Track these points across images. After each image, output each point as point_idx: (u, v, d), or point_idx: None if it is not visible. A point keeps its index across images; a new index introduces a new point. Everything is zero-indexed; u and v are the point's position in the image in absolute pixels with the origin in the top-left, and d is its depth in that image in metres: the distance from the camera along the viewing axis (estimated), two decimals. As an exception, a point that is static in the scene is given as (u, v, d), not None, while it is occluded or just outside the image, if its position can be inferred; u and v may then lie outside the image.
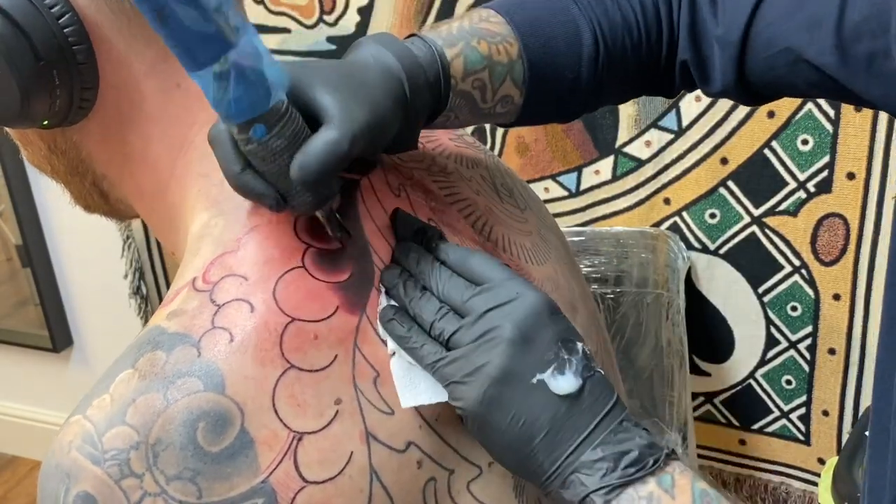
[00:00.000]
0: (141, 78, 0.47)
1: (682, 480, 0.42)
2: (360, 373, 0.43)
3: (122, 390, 0.41)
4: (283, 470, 0.40)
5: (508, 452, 0.43)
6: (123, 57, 0.47)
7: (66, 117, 0.47)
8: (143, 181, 0.50)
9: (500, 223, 0.54)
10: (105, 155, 0.50)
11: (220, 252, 0.45)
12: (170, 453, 0.39)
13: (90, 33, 0.45)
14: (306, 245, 0.45)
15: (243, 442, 0.40)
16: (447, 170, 0.55)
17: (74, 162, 0.51)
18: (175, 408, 0.40)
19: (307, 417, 0.41)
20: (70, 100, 0.46)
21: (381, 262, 0.46)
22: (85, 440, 0.40)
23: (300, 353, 0.42)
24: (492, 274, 0.45)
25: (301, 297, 0.43)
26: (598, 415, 0.42)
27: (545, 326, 0.43)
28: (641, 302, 1.21)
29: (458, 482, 0.45)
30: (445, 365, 0.43)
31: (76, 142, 0.50)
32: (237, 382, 0.40)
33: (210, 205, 0.47)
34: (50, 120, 0.47)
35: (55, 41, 0.44)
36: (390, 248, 0.47)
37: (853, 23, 0.52)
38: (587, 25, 0.56)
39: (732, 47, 0.57)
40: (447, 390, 0.43)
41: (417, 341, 0.44)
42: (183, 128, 0.48)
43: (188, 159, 0.48)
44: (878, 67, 0.52)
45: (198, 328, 0.42)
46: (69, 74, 0.45)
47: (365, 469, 0.42)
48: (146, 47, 0.47)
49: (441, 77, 0.49)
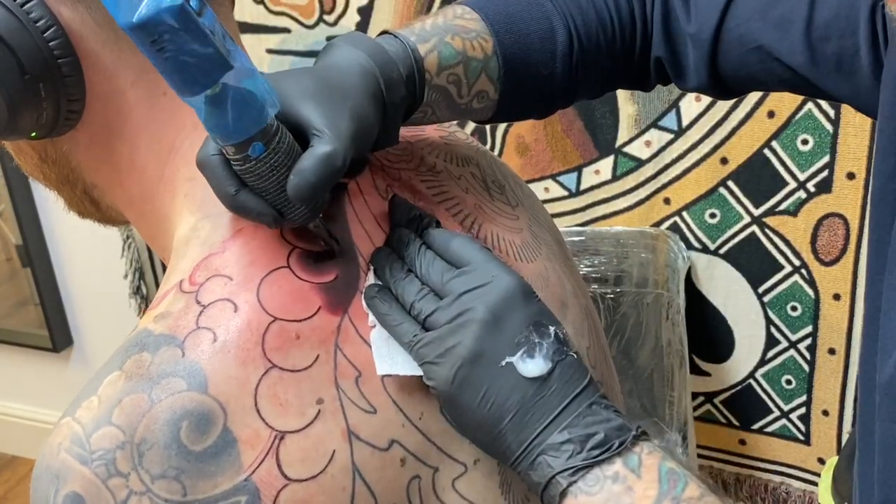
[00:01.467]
0: (128, 87, 0.47)
1: (650, 460, 0.42)
2: (342, 372, 0.43)
3: (109, 392, 0.41)
4: (266, 468, 0.41)
5: (479, 433, 0.44)
6: (110, 68, 0.47)
7: (54, 129, 0.47)
8: (131, 188, 0.51)
9: (488, 220, 0.55)
10: (94, 164, 0.51)
11: (207, 254, 0.45)
12: (154, 452, 0.40)
13: (75, 46, 0.45)
14: (292, 246, 0.45)
15: (226, 441, 0.40)
16: (436, 168, 0.55)
17: (65, 171, 0.52)
18: (159, 407, 0.40)
19: (289, 416, 0.42)
20: (57, 112, 0.46)
21: (365, 263, 0.47)
22: (73, 441, 0.41)
23: (282, 352, 0.42)
24: (470, 256, 0.45)
25: (284, 297, 0.43)
26: (568, 397, 0.43)
27: (517, 309, 0.44)
28: (641, 302, 1.21)
29: (442, 480, 0.45)
30: (421, 346, 0.44)
31: (65, 152, 0.50)
32: (220, 382, 0.41)
33: (196, 208, 0.47)
34: (38, 132, 0.47)
35: (41, 55, 0.44)
36: (374, 247, 0.48)
37: (823, 22, 0.54)
38: (561, 21, 0.57)
39: (705, 45, 0.58)
40: (422, 370, 0.44)
41: (396, 319, 0.45)
42: (170, 134, 0.49)
43: (175, 165, 0.49)
44: (846, 66, 0.53)
45: (182, 329, 0.42)
46: (55, 87, 0.45)
47: (347, 467, 0.42)
48: (132, 56, 0.47)
49: (415, 71, 0.49)
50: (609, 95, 1.24)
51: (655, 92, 1.22)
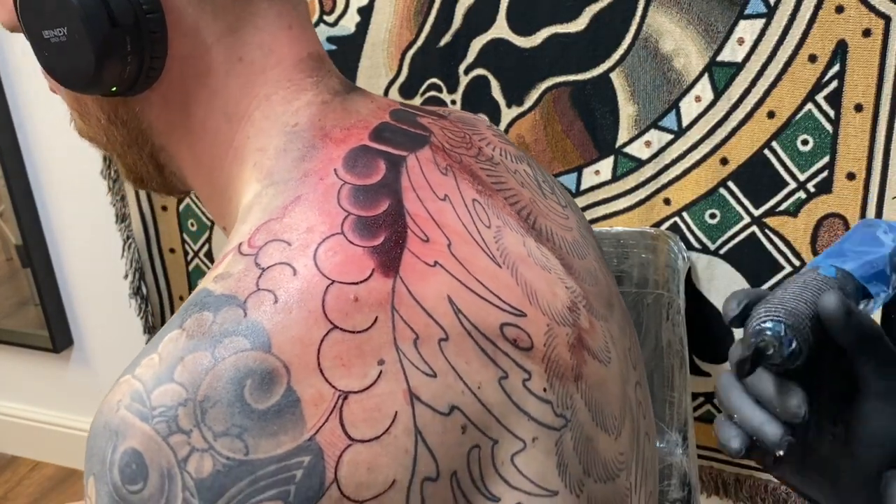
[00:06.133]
0: (207, 50, 0.49)
1: None
2: (401, 335, 0.43)
3: (170, 349, 0.41)
4: (329, 428, 0.40)
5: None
6: (191, 29, 0.48)
7: (134, 85, 0.48)
8: (201, 153, 0.52)
9: (543, 216, 0.55)
10: (166, 126, 0.52)
11: (266, 219, 0.46)
12: (218, 410, 0.39)
13: (162, 2, 0.47)
14: (346, 213, 0.46)
15: (290, 400, 0.40)
16: (493, 160, 0.55)
17: (134, 133, 0.53)
18: (222, 365, 0.40)
19: (352, 377, 0.41)
20: (140, 67, 0.47)
21: (415, 225, 0.47)
22: (133, 398, 0.40)
23: (342, 314, 0.42)
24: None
25: (338, 262, 0.44)
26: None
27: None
28: (641, 302, 1.21)
29: (501, 453, 0.45)
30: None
31: (138, 112, 0.51)
32: (283, 342, 0.41)
33: (263, 177, 0.48)
34: (118, 87, 0.48)
35: (130, 8, 0.46)
36: (427, 213, 0.48)
37: None
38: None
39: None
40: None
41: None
42: (244, 101, 0.50)
43: (246, 132, 0.50)
44: None
45: (243, 290, 0.42)
46: (141, 42, 0.46)
47: (410, 429, 0.42)
48: (214, 20, 0.48)
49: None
50: (609, 95, 1.24)
51: (655, 92, 1.22)
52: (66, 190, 1.72)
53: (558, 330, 0.48)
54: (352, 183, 0.47)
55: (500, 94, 1.31)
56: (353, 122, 0.51)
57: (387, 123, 0.52)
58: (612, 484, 0.50)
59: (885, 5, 1.08)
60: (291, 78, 0.51)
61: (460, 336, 0.44)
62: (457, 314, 0.45)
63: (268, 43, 0.51)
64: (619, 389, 0.53)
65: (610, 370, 0.52)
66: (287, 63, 0.51)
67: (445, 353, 0.44)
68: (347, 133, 0.50)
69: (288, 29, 0.51)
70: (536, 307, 0.48)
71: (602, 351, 0.52)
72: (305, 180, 0.47)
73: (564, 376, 0.47)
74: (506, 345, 0.45)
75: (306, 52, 0.52)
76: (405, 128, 0.52)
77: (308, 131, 0.50)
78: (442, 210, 0.48)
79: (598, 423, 0.49)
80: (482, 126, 0.59)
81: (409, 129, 0.52)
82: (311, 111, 0.50)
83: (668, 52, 1.20)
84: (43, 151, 1.71)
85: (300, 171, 0.48)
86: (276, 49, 0.51)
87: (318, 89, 0.51)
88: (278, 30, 0.51)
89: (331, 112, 0.51)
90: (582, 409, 0.48)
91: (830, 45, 1.12)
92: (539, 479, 0.46)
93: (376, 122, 0.51)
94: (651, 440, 0.60)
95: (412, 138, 0.51)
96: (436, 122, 0.55)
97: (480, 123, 0.59)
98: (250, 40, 0.50)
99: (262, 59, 0.50)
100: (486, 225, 0.49)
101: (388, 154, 0.49)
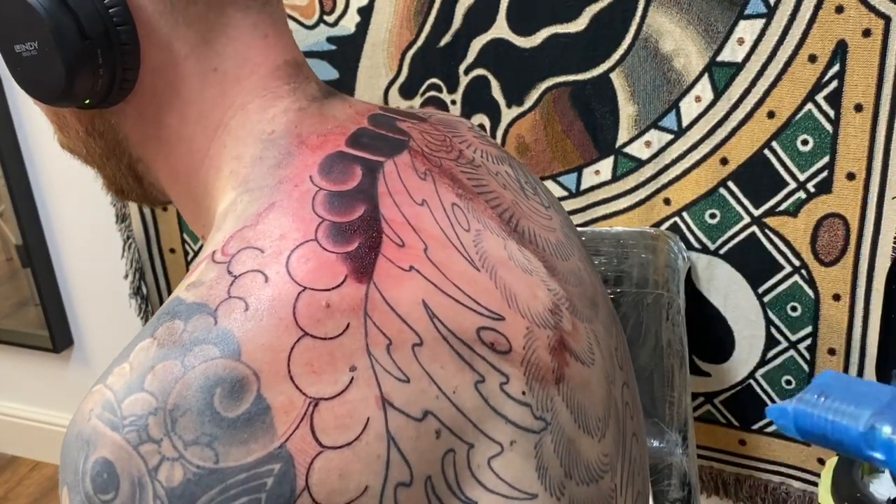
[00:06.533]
0: (180, 60, 0.49)
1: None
2: (373, 340, 0.43)
3: (141, 358, 0.41)
4: (300, 435, 0.40)
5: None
6: (164, 39, 0.48)
7: (107, 97, 0.48)
8: (177, 163, 0.52)
9: (525, 217, 0.55)
10: (141, 137, 0.52)
11: (240, 226, 0.46)
12: (187, 418, 0.39)
13: (134, 14, 0.47)
14: (321, 219, 0.45)
15: (260, 408, 0.40)
16: (474, 162, 0.55)
17: (111, 144, 0.53)
18: (192, 374, 0.40)
19: (323, 384, 0.41)
20: (112, 80, 0.47)
21: (391, 230, 0.46)
22: (104, 407, 0.41)
23: (313, 320, 0.42)
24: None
25: (311, 268, 0.43)
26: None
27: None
28: (641, 302, 1.21)
29: (478, 457, 0.45)
30: None
31: (114, 124, 0.51)
32: (253, 350, 0.41)
33: (238, 184, 0.48)
34: (91, 99, 0.48)
35: (100, 20, 0.46)
36: (404, 218, 0.47)
37: None
38: None
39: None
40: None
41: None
42: (219, 110, 0.50)
43: (222, 141, 0.50)
44: None
45: (214, 298, 0.42)
46: (112, 54, 0.46)
47: (382, 435, 0.42)
48: (186, 30, 0.48)
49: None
50: (609, 95, 1.24)
51: (655, 92, 1.22)
52: (66, 190, 1.72)
53: (539, 333, 0.48)
54: (327, 189, 0.47)
55: (500, 94, 1.31)
56: (330, 128, 0.50)
57: (365, 129, 0.51)
58: (596, 486, 0.50)
59: (885, 5, 1.08)
60: (267, 86, 0.51)
61: (435, 341, 0.44)
62: (432, 319, 0.45)
63: (242, 52, 0.50)
64: (604, 391, 0.53)
65: (594, 371, 0.52)
66: (262, 71, 0.51)
67: (419, 358, 0.44)
68: (324, 139, 0.49)
69: (263, 38, 0.51)
70: (515, 310, 0.47)
71: (585, 352, 0.51)
72: (280, 187, 0.47)
73: (545, 379, 0.47)
74: (483, 349, 0.45)
75: (283, 60, 0.52)
76: (384, 133, 0.52)
77: (284, 138, 0.49)
78: (419, 215, 0.48)
79: (580, 425, 0.49)
80: (463, 128, 0.59)
81: (387, 133, 0.52)
82: (287, 118, 0.50)
83: (668, 52, 1.20)
84: (43, 151, 1.71)
85: (275, 178, 0.47)
86: (250, 58, 0.50)
87: (294, 96, 0.51)
88: (253, 39, 0.51)
89: (308, 118, 0.51)
90: (563, 412, 0.48)
91: (830, 45, 1.12)
92: (517, 483, 0.46)
93: (354, 128, 0.51)
94: (640, 441, 0.59)
95: (391, 143, 0.51)
96: (415, 126, 0.54)
97: (462, 125, 0.59)
98: (223, 50, 0.50)
99: (236, 69, 0.50)
100: (466, 229, 0.49)
101: (364, 160, 0.49)
